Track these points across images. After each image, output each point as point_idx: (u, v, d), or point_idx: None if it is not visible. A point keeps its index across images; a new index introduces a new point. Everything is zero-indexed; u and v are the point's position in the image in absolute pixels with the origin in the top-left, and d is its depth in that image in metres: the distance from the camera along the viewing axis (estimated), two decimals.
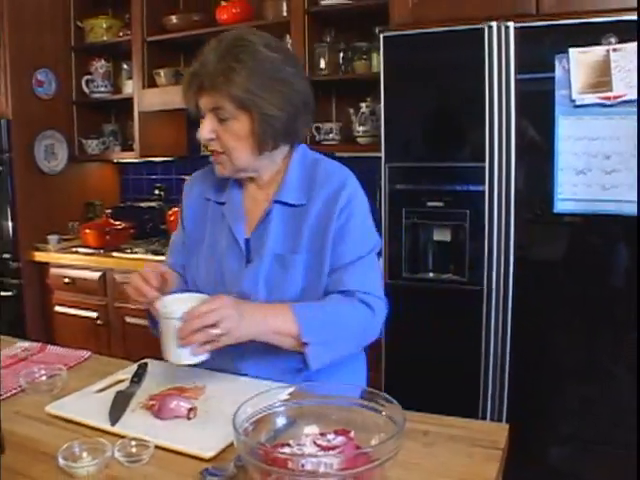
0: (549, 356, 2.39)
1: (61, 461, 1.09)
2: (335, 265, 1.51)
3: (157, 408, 1.29)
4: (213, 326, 1.29)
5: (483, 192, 2.39)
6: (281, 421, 1.13)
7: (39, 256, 3.76)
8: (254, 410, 1.09)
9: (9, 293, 3.71)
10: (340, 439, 1.07)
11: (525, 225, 2.36)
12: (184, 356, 1.32)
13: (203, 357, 1.34)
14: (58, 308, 3.74)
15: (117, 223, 3.78)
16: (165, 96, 3.63)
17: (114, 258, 3.49)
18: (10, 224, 3.73)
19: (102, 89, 4.00)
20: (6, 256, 3.76)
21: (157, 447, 1.16)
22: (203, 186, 1.70)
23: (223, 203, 1.64)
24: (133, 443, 1.16)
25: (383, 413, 1.09)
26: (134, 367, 1.57)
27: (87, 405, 1.36)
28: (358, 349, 1.55)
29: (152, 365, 1.59)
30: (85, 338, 3.56)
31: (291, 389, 1.22)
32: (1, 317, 3.45)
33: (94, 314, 3.57)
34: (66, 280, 3.65)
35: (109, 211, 3.91)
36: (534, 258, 2.39)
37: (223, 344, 1.33)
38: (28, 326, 3.73)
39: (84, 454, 1.13)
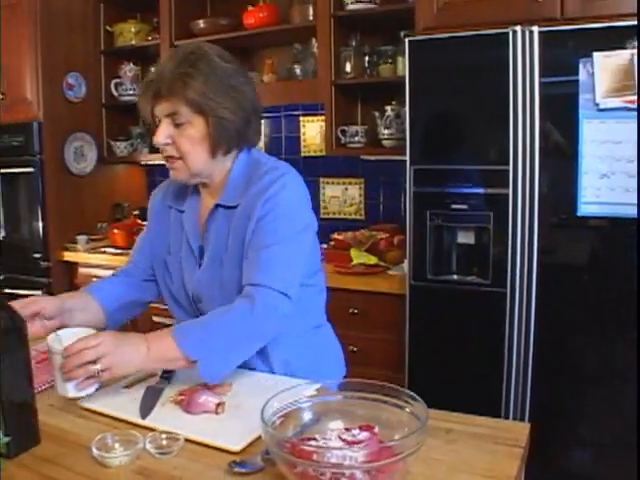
0: (572, 359, 2.40)
1: (95, 451, 1.13)
2: (252, 248, 1.53)
3: (186, 403, 1.33)
4: (95, 362, 1.30)
5: (507, 195, 2.40)
6: (307, 416, 1.16)
7: (68, 256, 3.84)
8: (281, 405, 1.12)
9: (39, 292, 3.77)
10: (364, 434, 1.10)
11: (548, 228, 2.37)
12: (70, 390, 1.31)
13: (90, 390, 1.33)
14: None
15: (144, 224, 3.81)
16: None
17: None
18: (40, 224, 3.82)
19: (130, 92, 4.07)
20: (36, 256, 3.84)
21: (186, 440, 1.19)
22: (166, 195, 1.77)
23: (183, 211, 1.70)
24: (163, 436, 1.20)
25: (407, 410, 1.12)
26: None
27: (118, 399, 1.41)
28: (253, 348, 1.49)
29: None
30: None
31: (317, 385, 1.25)
32: None
33: None
34: (94, 279, 3.70)
35: (136, 212, 3.97)
36: (557, 261, 2.40)
37: (106, 379, 1.34)
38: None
39: (116, 445, 1.17)
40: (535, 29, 2.28)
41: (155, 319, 3.49)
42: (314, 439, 1.09)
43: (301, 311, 1.60)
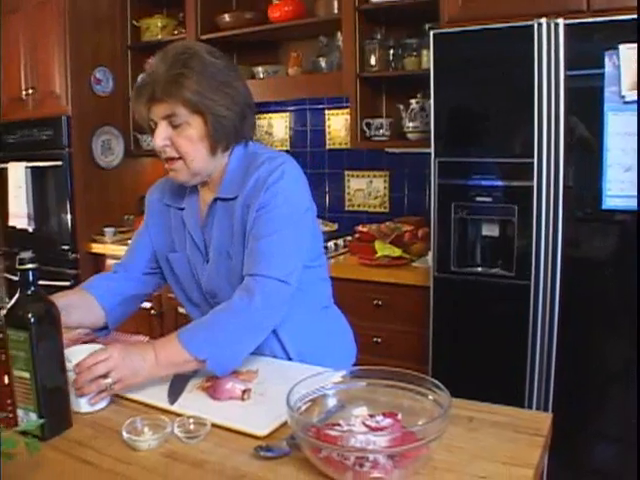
0: (595, 352, 2.39)
1: (125, 435, 1.17)
2: (252, 237, 1.55)
3: (213, 389, 1.37)
4: (105, 376, 1.32)
5: (532, 188, 2.40)
6: (332, 403, 1.19)
7: (96, 248, 3.90)
8: (307, 391, 1.15)
9: (67, 283, 3.82)
10: (388, 421, 1.12)
11: (573, 221, 2.36)
12: (83, 405, 1.33)
13: (102, 404, 1.36)
14: None
15: None
16: None
17: None
18: (69, 217, 3.87)
19: None
20: (65, 247, 3.90)
21: (213, 425, 1.22)
22: (163, 194, 1.78)
23: (183, 209, 1.71)
24: (191, 421, 1.23)
25: (430, 397, 1.14)
26: None
27: (148, 386, 1.43)
28: (259, 338, 1.51)
29: None
30: (139, 328, 3.65)
31: (342, 372, 1.27)
32: None
33: (148, 304, 3.68)
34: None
35: None
36: (582, 254, 2.39)
37: (119, 391, 1.37)
38: None
39: (146, 429, 1.21)
40: (560, 21, 2.28)
41: (181, 310, 3.53)
42: (338, 425, 1.11)
43: (308, 293, 1.65)
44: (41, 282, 1.22)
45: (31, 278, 1.19)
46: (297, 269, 1.55)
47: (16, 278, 1.19)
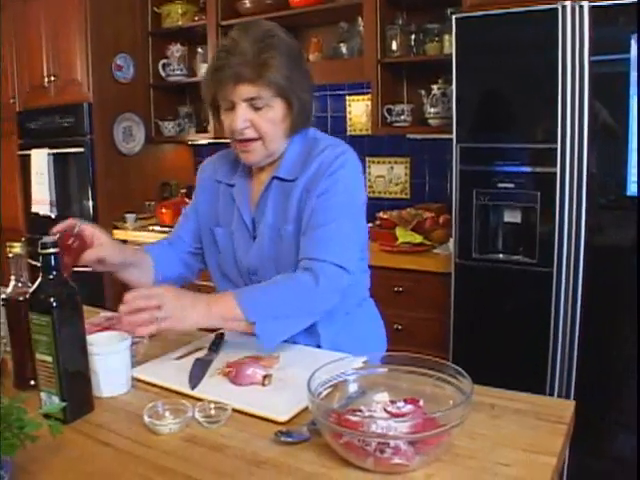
0: (618, 343, 2.37)
1: (146, 419, 1.17)
2: (309, 224, 1.55)
3: (234, 374, 1.36)
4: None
5: (555, 174, 2.37)
6: (353, 388, 1.18)
7: (117, 234, 3.91)
8: (328, 377, 1.14)
9: (89, 269, 3.85)
10: (409, 407, 1.11)
11: (597, 207, 2.34)
12: (104, 389, 1.32)
13: (123, 389, 1.35)
14: None
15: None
16: None
17: None
18: (91, 203, 3.90)
19: (178, 72, 4.12)
20: None
21: (234, 410, 1.22)
22: (215, 171, 1.79)
23: (233, 185, 1.72)
24: (212, 406, 1.23)
25: (452, 384, 1.13)
26: (211, 336, 1.64)
27: (168, 370, 1.44)
28: (312, 320, 1.53)
29: (228, 335, 1.66)
30: None
31: (364, 358, 1.27)
32: (83, 290, 3.60)
33: None
34: None
35: (184, 190, 4.03)
36: (605, 241, 2.37)
37: (165, 327, 1.37)
38: (107, 301, 3.88)
39: (167, 413, 1.21)
40: (585, 4, 2.24)
41: None
42: (359, 410, 1.11)
43: (350, 284, 1.61)
44: None
45: (53, 262, 1.19)
46: (354, 258, 1.57)
47: (39, 264, 1.19)
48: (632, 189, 2.24)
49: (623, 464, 2.40)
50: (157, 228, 3.81)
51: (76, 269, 1.52)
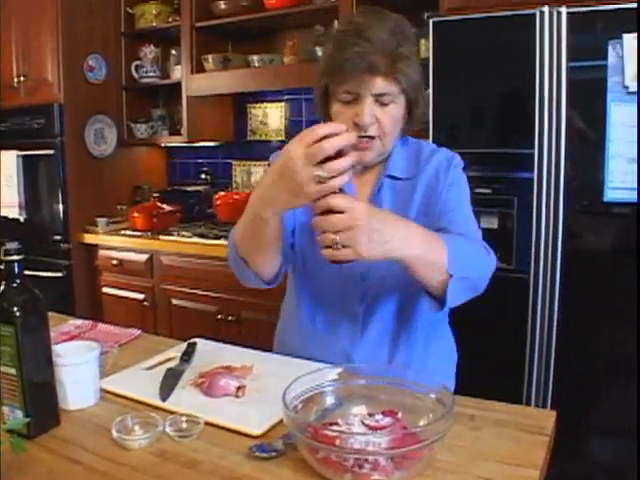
0: (595, 347, 2.37)
1: (115, 433, 1.12)
2: (444, 209, 1.49)
3: (207, 385, 1.32)
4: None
5: (532, 179, 2.36)
6: (330, 401, 1.15)
7: (88, 238, 3.84)
8: (303, 389, 1.11)
9: (59, 274, 3.79)
10: (388, 420, 1.08)
11: (574, 213, 2.33)
12: (71, 402, 1.26)
13: (91, 402, 1.29)
14: (106, 289, 3.81)
15: (164, 207, 3.82)
16: (213, 81, 3.68)
17: (161, 241, 3.54)
18: (61, 206, 3.81)
19: (151, 74, 4.05)
20: (57, 238, 3.84)
21: (206, 423, 1.18)
22: None
23: None
24: (183, 419, 1.19)
25: (431, 395, 1.10)
26: (184, 346, 1.60)
27: (138, 381, 1.40)
28: (477, 294, 1.43)
29: (201, 344, 1.62)
30: (132, 319, 3.61)
31: (339, 369, 1.23)
32: (52, 297, 3.53)
33: (141, 296, 3.64)
34: (114, 262, 3.72)
35: (156, 195, 3.97)
36: (582, 247, 2.36)
37: (345, 259, 1.14)
38: (77, 307, 3.80)
39: (136, 427, 1.17)
40: (563, 10, 2.23)
41: (175, 302, 3.50)
42: (336, 424, 1.07)
43: None
44: (31, 273, 1.17)
45: (17, 270, 1.14)
46: None
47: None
48: (609, 195, 2.24)
49: (602, 468, 2.40)
50: (129, 232, 3.74)
51: None
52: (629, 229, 2.25)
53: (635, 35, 2.12)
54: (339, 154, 1.10)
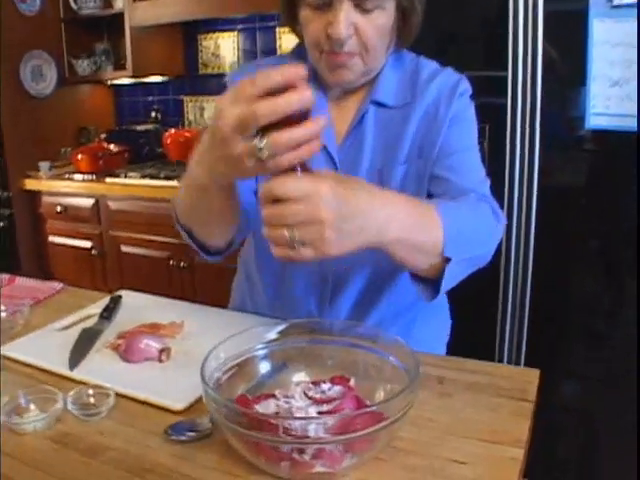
0: (568, 285, 2.22)
1: (3, 417, 0.90)
2: (444, 151, 1.21)
3: (124, 349, 1.10)
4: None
5: (505, 105, 2.14)
6: (264, 368, 0.93)
7: (30, 184, 3.57)
8: (230, 354, 0.89)
9: (0, 224, 3.53)
10: (337, 389, 0.88)
11: (552, 142, 2.11)
12: None
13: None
14: (52, 238, 3.58)
15: (111, 147, 3.56)
16: (159, 9, 3.35)
17: (107, 184, 3.27)
18: None
19: (91, 4, 3.71)
20: None
21: (120, 396, 0.97)
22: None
23: None
24: (90, 392, 0.97)
25: (390, 357, 0.89)
26: (107, 300, 1.37)
27: (47, 345, 1.17)
28: (476, 268, 1.11)
29: (128, 297, 1.39)
30: (80, 269, 3.40)
31: (282, 326, 1.01)
32: None
33: (88, 243, 3.40)
34: (58, 209, 3.47)
35: (103, 135, 3.70)
36: (560, 179, 2.16)
37: (307, 259, 0.83)
38: (22, 258, 3.59)
39: (32, 406, 0.94)
40: None
41: (124, 249, 3.26)
42: (273, 396, 0.86)
43: None
44: None
45: None
46: None
47: None
48: (592, 121, 2.03)
49: (570, 412, 2.28)
50: (75, 177, 3.46)
51: None
52: (612, 159, 2.06)
53: None
54: (295, 118, 0.76)
